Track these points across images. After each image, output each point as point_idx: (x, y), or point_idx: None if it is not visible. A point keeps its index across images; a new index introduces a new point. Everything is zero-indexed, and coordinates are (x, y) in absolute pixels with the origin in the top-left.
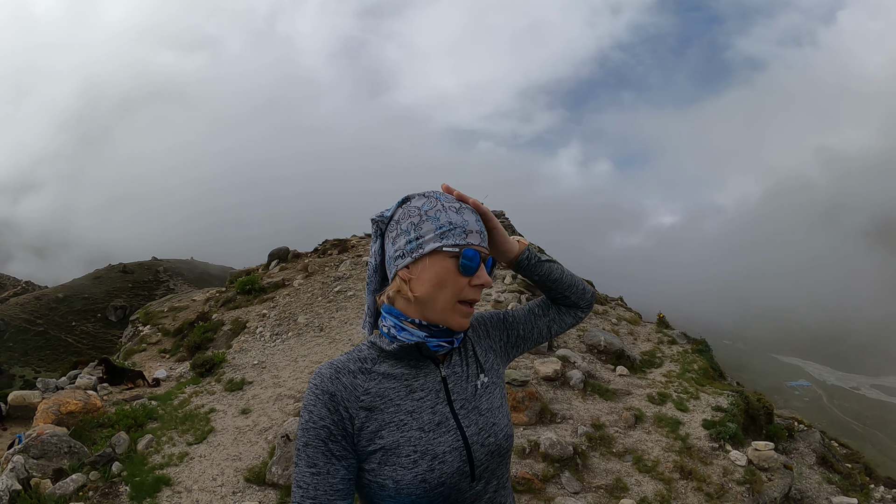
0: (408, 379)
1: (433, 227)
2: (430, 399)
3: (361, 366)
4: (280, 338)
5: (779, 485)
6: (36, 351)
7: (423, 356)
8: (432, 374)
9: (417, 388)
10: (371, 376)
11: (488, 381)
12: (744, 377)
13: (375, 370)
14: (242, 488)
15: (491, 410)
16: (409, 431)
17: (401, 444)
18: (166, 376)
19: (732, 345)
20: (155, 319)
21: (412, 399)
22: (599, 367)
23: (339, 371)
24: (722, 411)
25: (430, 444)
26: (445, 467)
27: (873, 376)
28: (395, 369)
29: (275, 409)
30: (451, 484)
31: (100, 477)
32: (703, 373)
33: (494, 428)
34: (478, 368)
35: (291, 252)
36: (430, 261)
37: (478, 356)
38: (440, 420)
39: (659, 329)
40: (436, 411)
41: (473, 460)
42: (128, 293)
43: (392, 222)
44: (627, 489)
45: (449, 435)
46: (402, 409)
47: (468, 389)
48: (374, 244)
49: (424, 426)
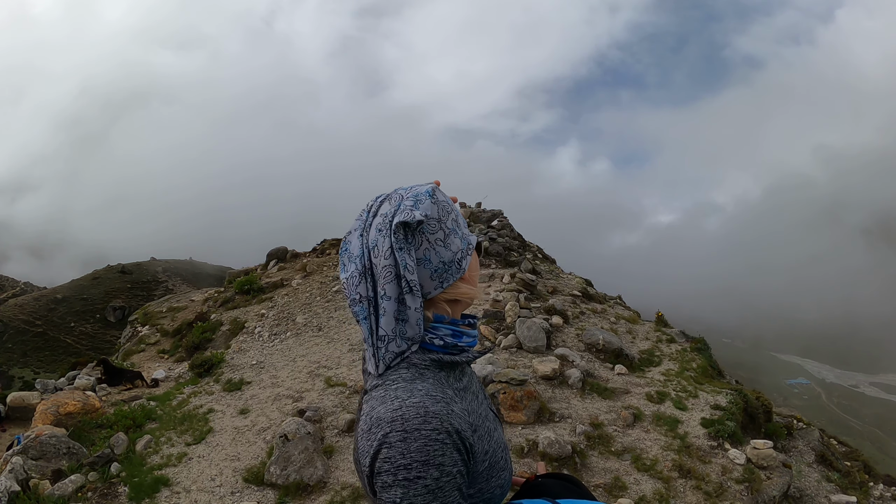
0: (468, 385)
1: (462, 223)
2: (481, 395)
3: (452, 386)
4: (279, 338)
5: (778, 483)
6: (35, 352)
7: (460, 358)
8: (469, 369)
9: (476, 390)
10: (462, 395)
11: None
12: (742, 375)
13: (456, 386)
14: (241, 488)
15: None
16: (495, 434)
17: (496, 450)
18: (165, 377)
19: (731, 343)
20: (154, 320)
21: (478, 402)
22: (598, 365)
23: (448, 402)
24: (721, 410)
25: (502, 438)
26: (509, 463)
27: (872, 374)
28: (461, 380)
29: (273, 410)
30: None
31: (99, 478)
32: (702, 371)
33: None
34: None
35: (290, 252)
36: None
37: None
38: (493, 417)
39: (657, 328)
40: (488, 410)
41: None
42: (126, 294)
43: (431, 222)
44: (626, 488)
45: (497, 431)
46: (483, 417)
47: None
48: (405, 254)
49: (494, 425)
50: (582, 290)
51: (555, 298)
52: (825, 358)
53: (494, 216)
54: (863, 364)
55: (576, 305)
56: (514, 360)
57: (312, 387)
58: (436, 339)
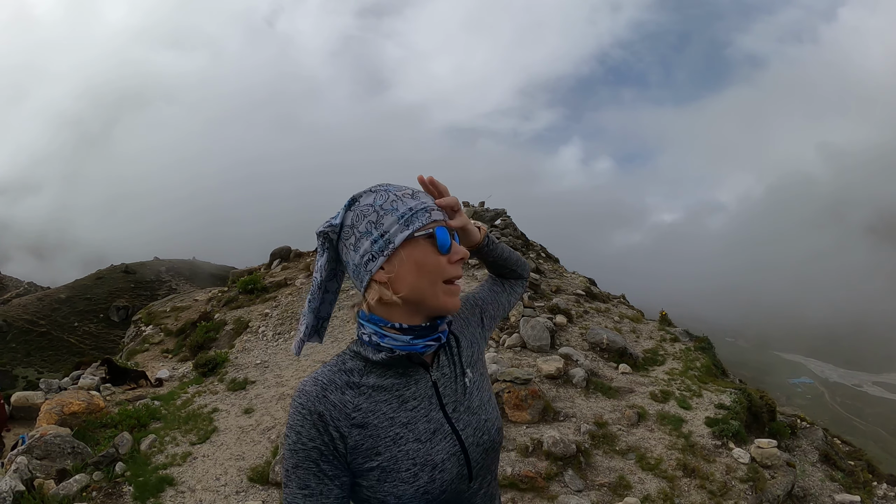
0: (399, 389)
1: (395, 219)
2: (424, 407)
3: (349, 379)
4: (282, 337)
5: (782, 482)
6: (38, 352)
7: (410, 362)
8: (423, 380)
9: (409, 397)
10: (360, 390)
11: (474, 376)
12: (746, 374)
13: (364, 383)
14: (246, 488)
15: (482, 406)
16: (405, 445)
17: (399, 459)
18: (169, 376)
19: (734, 342)
20: (157, 319)
21: (405, 410)
22: (602, 365)
23: (325, 388)
24: (725, 409)
25: (429, 455)
26: (445, 475)
27: (875, 373)
28: (385, 380)
29: (278, 409)
30: (452, 489)
31: (103, 477)
32: (706, 370)
33: (487, 424)
34: (463, 365)
35: (293, 251)
36: (405, 252)
37: (461, 352)
38: (435, 428)
39: (661, 327)
40: (430, 419)
41: (471, 462)
42: (130, 293)
43: (345, 229)
44: (630, 487)
45: (446, 442)
46: (397, 423)
47: (458, 390)
48: (321, 258)
49: (421, 437)
50: (585, 289)
51: (558, 297)
52: (828, 357)
53: (498, 215)
54: (866, 363)
55: (579, 304)
56: (519, 359)
57: None
58: (364, 335)
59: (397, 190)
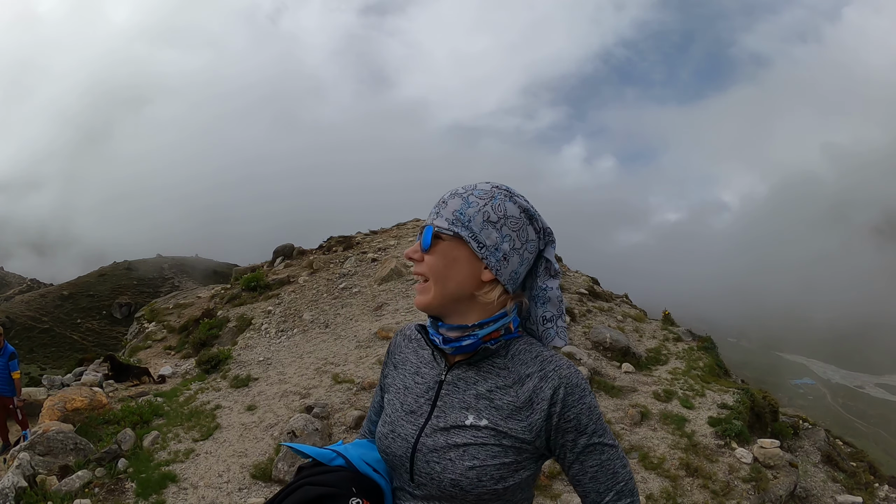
0: (421, 362)
1: None
2: (422, 388)
3: (414, 334)
4: (285, 334)
5: (784, 483)
6: (41, 348)
7: (438, 349)
8: (437, 370)
9: (422, 373)
10: (410, 344)
11: (481, 426)
12: (748, 375)
13: (415, 342)
14: (248, 485)
15: (458, 448)
16: (397, 399)
17: (389, 402)
18: (172, 373)
19: (737, 342)
20: (160, 316)
21: (412, 378)
22: (605, 364)
23: (402, 332)
24: (727, 409)
25: (397, 420)
26: (394, 446)
27: (878, 375)
28: (422, 349)
29: (280, 406)
30: (392, 463)
31: (106, 473)
32: (709, 370)
33: (447, 464)
34: (476, 406)
35: (297, 249)
36: None
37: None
38: (415, 410)
39: (664, 326)
40: (418, 401)
41: (413, 464)
42: (133, 290)
43: None
44: None
45: (411, 426)
46: (404, 382)
47: (454, 411)
48: None
49: (403, 404)
50: (588, 289)
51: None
52: (831, 358)
53: None
54: (868, 365)
55: (582, 304)
56: None
57: (320, 383)
58: None
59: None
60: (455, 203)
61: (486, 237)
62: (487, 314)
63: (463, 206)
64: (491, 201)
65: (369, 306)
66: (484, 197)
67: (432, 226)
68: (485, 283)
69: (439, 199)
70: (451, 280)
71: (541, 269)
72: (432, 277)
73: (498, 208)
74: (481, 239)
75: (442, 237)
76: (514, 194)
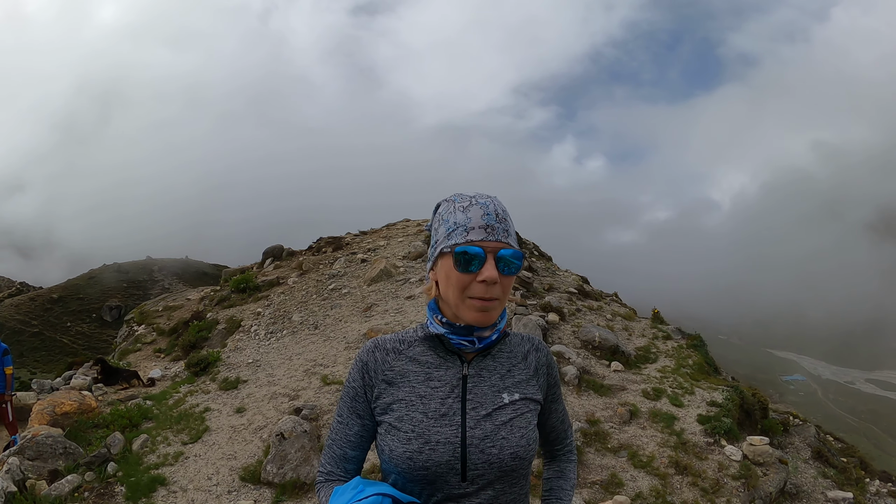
0: (430, 367)
1: (444, 230)
2: (444, 391)
3: (397, 346)
4: (275, 336)
5: (774, 479)
6: (31, 352)
7: (448, 350)
8: (455, 368)
9: (436, 377)
10: (400, 356)
11: (516, 399)
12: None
13: (406, 352)
14: (238, 487)
15: (506, 425)
16: (414, 412)
17: (404, 420)
18: (161, 376)
19: (728, 340)
20: (150, 319)
21: (428, 385)
22: (594, 362)
23: (377, 346)
24: (717, 406)
25: (428, 430)
26: (435, 455)
27: (868, 371)
28: (423, 356)
29: (270, 408)
30: (437, 473)
31: (95, 477)
32: (698, 368)
33: (503, 442)
34: (505, 385)
35: (286, 250)
36: (441, 262)
37: (514, 376)
38: (445, 412)
39: (654, 324)
40: (445, 403)
41: (467, 460)
42: (122, 293)
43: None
44: (623, 484)
45: (449, 428)
46: (416, 392)
47: (489, 396)
48: None
49: (429, 412)
50: (578, 288)
51: (551, 296)
52: (821, 354)
53: None
54: (859, 361)
55: (572, 303)
56: None
57: (309, 385)
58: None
59: (459, 200)
60: (511, 220)
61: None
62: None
63: (512, 225)
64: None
65: (359, 307)
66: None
67: (514, 249)
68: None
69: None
70: (507, 297)
71: None
72: (500, 299)
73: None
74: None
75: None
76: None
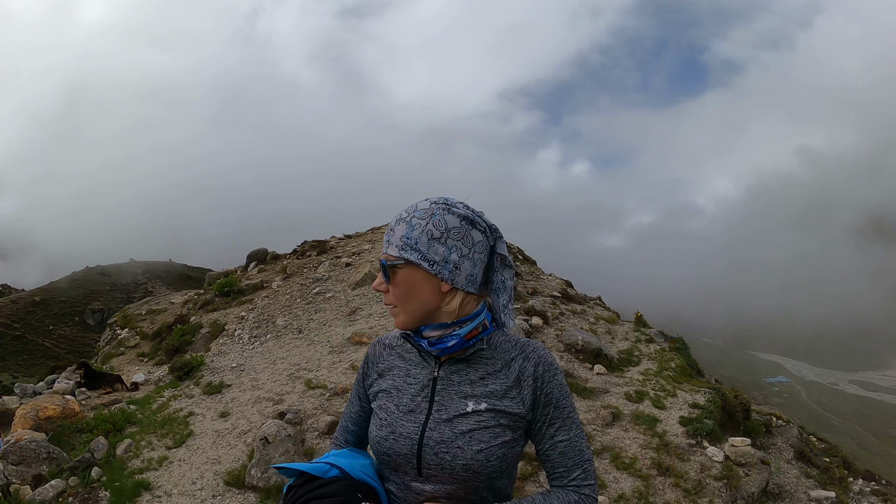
0: (411, 364)
1: None
2: (416, 388)
3: (393, 342)
4: (259, 340)
5: (756, 480)
6: (13, 356)
7: (423, 350)
8: (428, 369)
9: (413, 374)
10: (392, 351)
11: (481, 410)
12: (723, 374)
13: (397, 348)
14: (222, 492)
15: (465, 435)
16: (389, 403)
17: (382, 408)
18: (145, 380)
19: (712, 342)
20: (133, 322)
21: (405, 381)
22: (577, 365)
23: (380, 341)
24: (699, 408)
25: (396, 421)
26: (396, 445)
27: (851, 372)
28: (408, 353)
29: (253, 412)
30: (398, 462)
31: (79, 482)
32: (681, 370)
33: (457, 451)
34: (473, 393)
35: (270, 254)
36: None
37: (486, 385)
38: (413, 408)
39: (636, 328)
40: (414, 400)
41: (422, 459)
42: (106, 296)
43: None
44: (605, 486)
45: (412, 424)
46: (395, 385)
47: (454, 402)
48: None
49: (400, 405)
50: (562, 291)
51: (535, 299)
52: (804, 356)
53: None
54: (842, 362)
55: (556, 306)
56: None
57: (293, 389)
58: None
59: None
60: (401, 229)
61: (434, 254)
62: (458, 317)
63: (408, 231)
64: (431, 219)
65: (343, 311)
66: (425, 216)
67: (385, 259)
68: (446, 293)
69: (388, 226)
70: (416, 301)
71: (497, 263)
72: (399, 304)
73: (439, 224)
74: (430, 257)
75: (397, 267)
76: (453, 205)
